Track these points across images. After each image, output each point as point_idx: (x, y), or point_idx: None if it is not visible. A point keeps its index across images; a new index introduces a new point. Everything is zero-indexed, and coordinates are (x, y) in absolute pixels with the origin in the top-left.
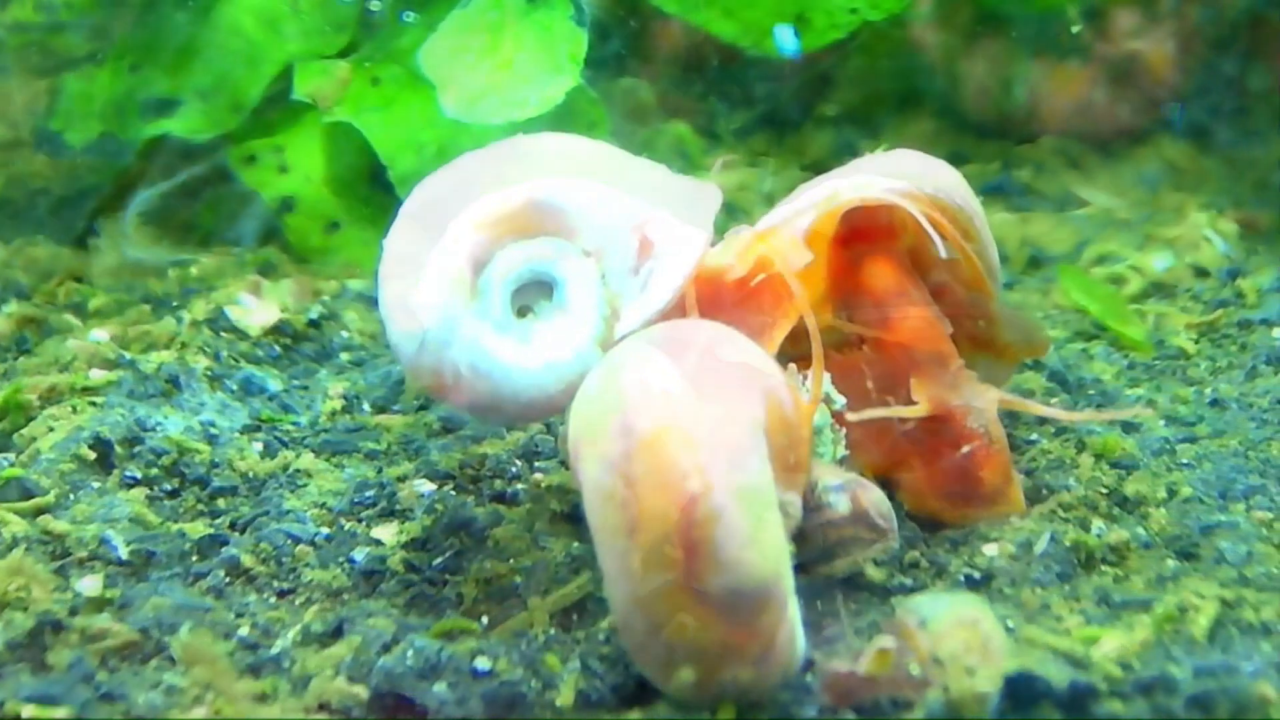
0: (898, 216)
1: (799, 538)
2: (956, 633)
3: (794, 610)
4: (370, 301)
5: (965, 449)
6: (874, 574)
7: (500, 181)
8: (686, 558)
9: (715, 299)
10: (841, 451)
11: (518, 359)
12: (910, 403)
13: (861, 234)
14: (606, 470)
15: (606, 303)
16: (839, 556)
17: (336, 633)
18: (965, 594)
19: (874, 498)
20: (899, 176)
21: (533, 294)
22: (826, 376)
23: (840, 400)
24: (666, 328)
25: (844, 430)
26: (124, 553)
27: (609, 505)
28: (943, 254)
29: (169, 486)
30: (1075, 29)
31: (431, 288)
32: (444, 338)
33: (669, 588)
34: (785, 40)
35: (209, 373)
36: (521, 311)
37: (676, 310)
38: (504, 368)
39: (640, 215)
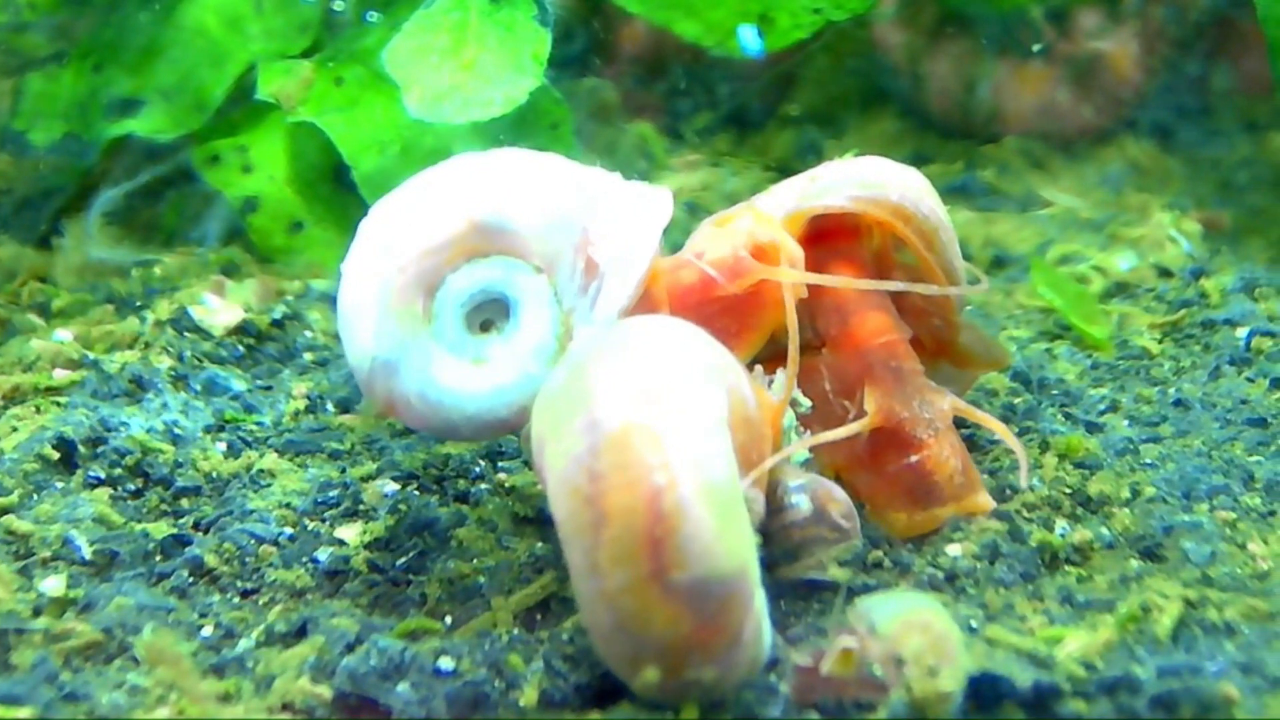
0: (862, 221)
1: (764, 539)
2: (908, 635)
3: (760, 604)
4: (333, 301)
5: (913, 458)
6: (837, 574)
7: (445, 203)
8: (653, 552)
9: (692, 302)
10: (804, 454)
11: (465, 384)
12: (861, 409)
13: (825, 236)
14: (572, 466)
15: (560, 322)
16: (803, 557)
17: (300, 633)
18: (917, 595)
19: (836, 497)
20: (866, 183)
21: (494, 311)
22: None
23: (806, 403)
24: (630, 324)
25: (808, 432)
26: (87, 553)
27: (575, 501)
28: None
29: (132, 486)
30: (1036, 48)
31: (379, 314)
32: (391, 365)
33: (636, 583)
34: (749, 40)
35: (172, 373)
36: (485, 327)
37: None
38: (452, 394)
39: (583, 234)
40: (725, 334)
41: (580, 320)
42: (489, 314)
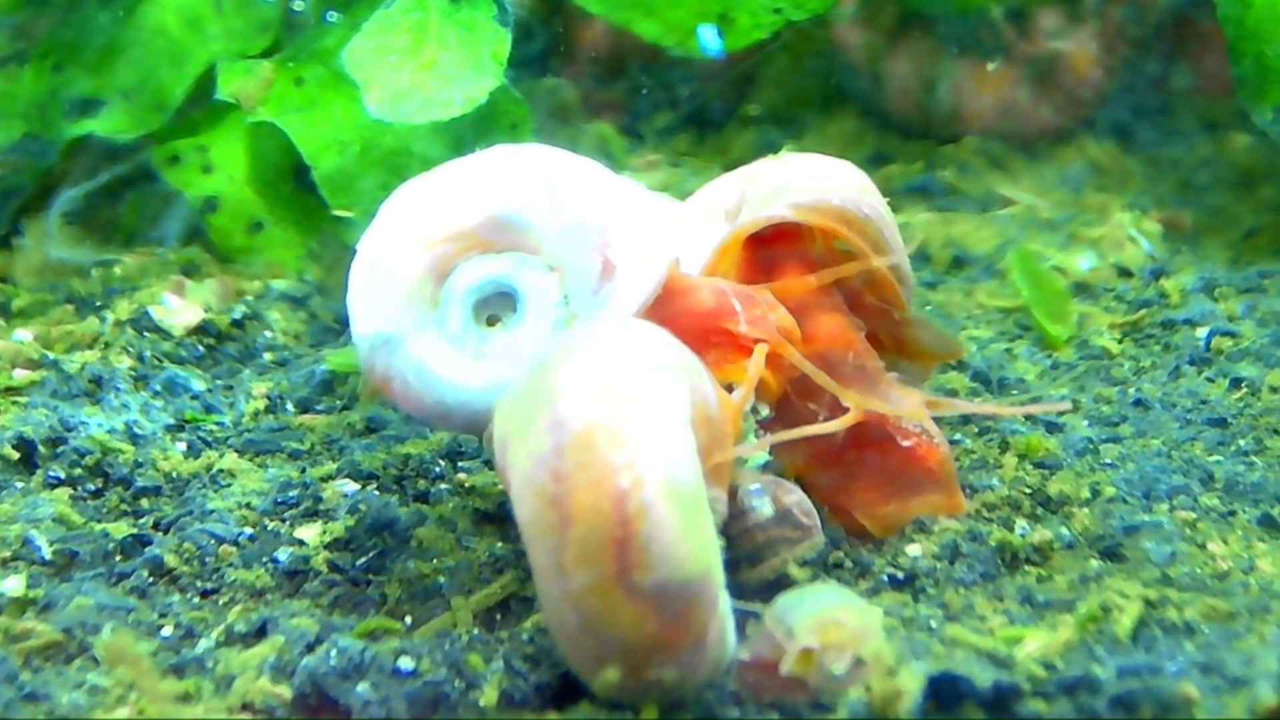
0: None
1: (727, 541)
2: (823, 633)
3: (725, 605)
4: (293, 301)
5: (906, 443)
6: (798, 574)
7: (467, 193)
8: (619, 554)
9: (697, 325)
10: (764, 457)
11: (462, 375)
12: (833, 408)
13: (770, 240)
14: (537, 466)
15: (566, 324)
16: (767, 558)
17: (260, 633)
18: (834, 592)
19: (795, 498)
20: (805, 189)
21: (502, 305)
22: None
23: (765, 410)
24: (594, 326)
25: (766, 434)
26: (47, 553)
27: (539, 501)
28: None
29: (92, 486)
30: (991, 67)
31: (389, 294)
32: (394, 345)
33: (601, 584)
34: (708, 40)
35: (132, 373)
36: (490, 321)
37: None
38: (448, 382)
39: (604, 236)
40: (713, 364)
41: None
42: (496, 308)
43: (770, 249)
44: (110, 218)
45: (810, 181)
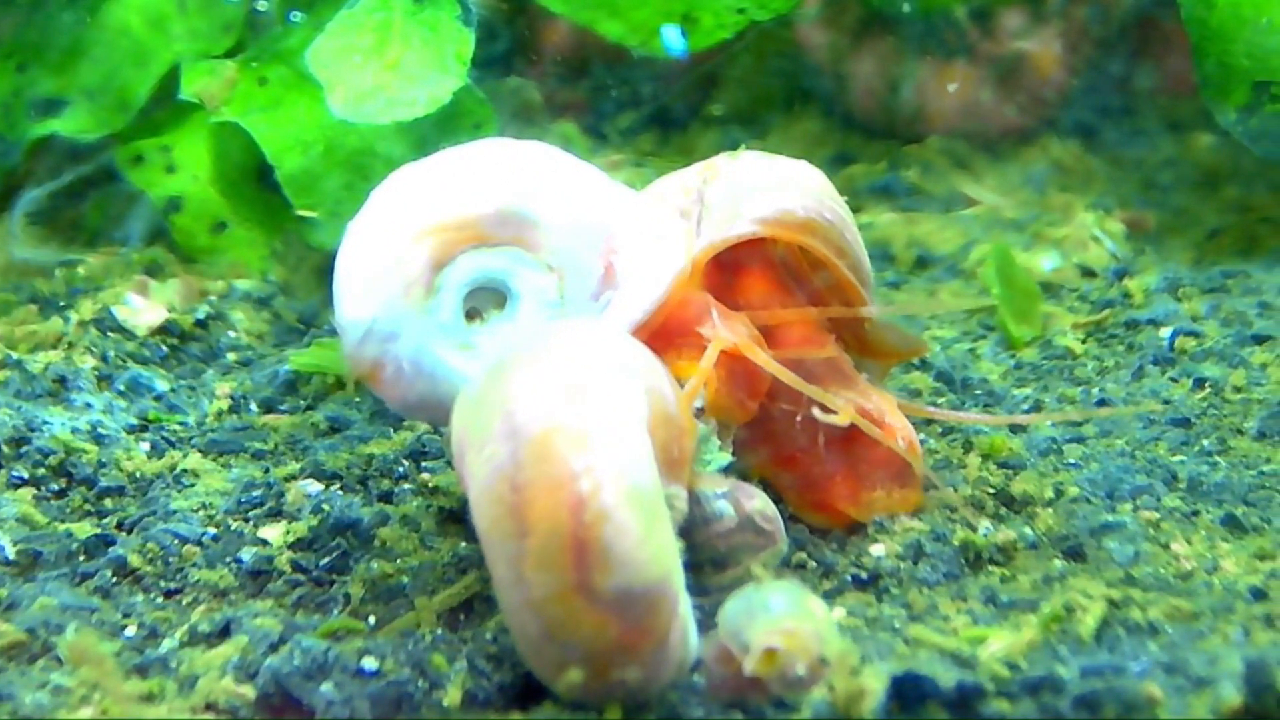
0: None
1: (691, 546)
2: (773, 640)
3: (686, 608)
4: (257, 301)
5: (901, 441)
6: (761, 575)
7: (477, 183)
8: (578, 561)
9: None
10: (727, 458)
11: (461, 364)
12: (806, 409)
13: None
14: (494, 474)
15: None
16: (731, 564)
17: (223, 633)
18: (795, 595)
19: (757, 504)
20: (768, 201)
21: (487, 301)
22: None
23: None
24: (550, 329)
25: (730, 443)
26: (11, 553)
27: (498, 509)
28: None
29: (56, 486)
30: (952, 87)
31: (387, 279)
32: (391, 330)
33: (561, 592)
34: (672, 40)
35: (96, 373)
36: (470, 316)
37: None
38: (447, 370)
39: (610, 241)
40: (673, 362)
41: None
42: (481, 302)
43: (733, 251)
44: (74, 218)
45: (771, 187)
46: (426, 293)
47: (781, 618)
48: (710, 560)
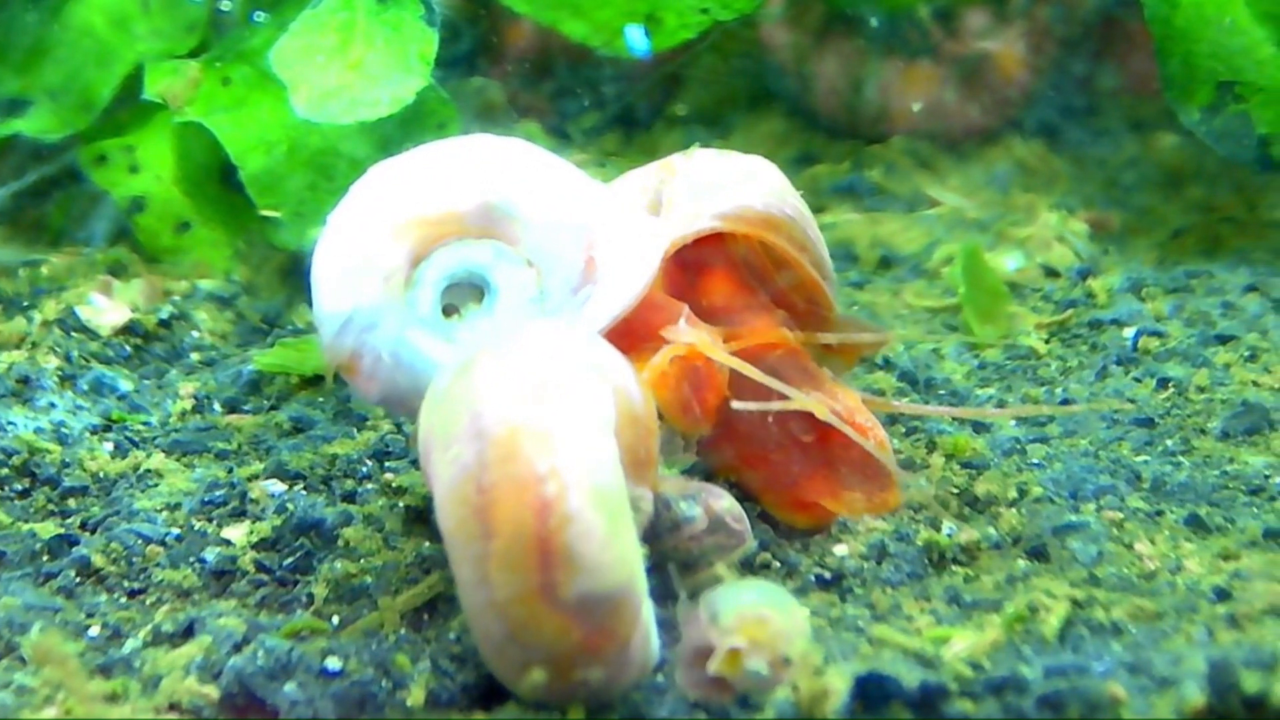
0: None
1: (658, 551)
2: (745, 629)
3: (648, 611)
4: (221, 301)
5: (871, 439)
6: (725, 575)
7: (458, 177)
8: (543, 564)
9: (648, 334)
10: (691, 459)
11: (439, 356)
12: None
13: (695, 241)
14: (459, 476)
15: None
16: (702, 568)
17: (187, 633)
18: (766, 589)
19: (725, 504)
20: (728, 196)
21: (466, 295)
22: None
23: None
24: (516, 328)
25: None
26: None
27: (463, 510)
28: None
29: (19, 486)
30: (916, 108)
31: (366, 271)
32: (370, 322)
33: (525, 595)
34: (635, 40)
35: (60, 372)
36: (448, 311)
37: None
38: (425, 361)
39: (592, 235)
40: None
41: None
42: (469, 296)
43: (695, 250)
44: (37, 218)
45: (730, 184)
46: (406, 285)
47: (756, 605)
48: (681, 563)
